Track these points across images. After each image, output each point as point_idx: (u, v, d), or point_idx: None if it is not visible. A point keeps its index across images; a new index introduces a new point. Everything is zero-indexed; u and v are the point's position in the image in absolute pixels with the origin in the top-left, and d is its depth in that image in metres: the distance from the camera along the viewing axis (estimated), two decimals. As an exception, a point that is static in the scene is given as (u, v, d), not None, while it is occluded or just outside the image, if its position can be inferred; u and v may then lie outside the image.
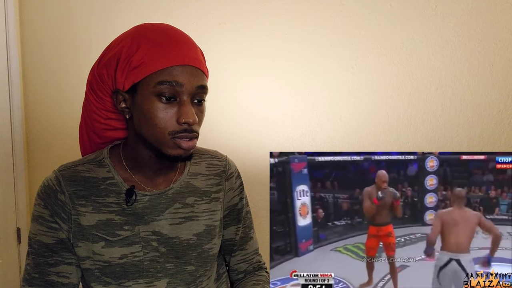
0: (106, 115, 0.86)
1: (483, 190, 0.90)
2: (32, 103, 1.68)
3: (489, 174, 0.87)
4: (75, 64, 1.63)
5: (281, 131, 1.59)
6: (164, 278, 0.85)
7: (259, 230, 1.11)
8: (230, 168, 0.96)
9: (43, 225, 0.82)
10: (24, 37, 1.66)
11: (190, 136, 0.79)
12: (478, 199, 0.90)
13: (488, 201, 0.87)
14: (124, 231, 0.83)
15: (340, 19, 1.52)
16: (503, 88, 1.47)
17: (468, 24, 1.46)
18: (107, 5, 1.61)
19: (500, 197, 0.88)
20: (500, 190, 0.87)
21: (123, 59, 0.78)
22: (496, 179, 0.86)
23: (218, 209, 0.92)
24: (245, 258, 1.00)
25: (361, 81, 1.53)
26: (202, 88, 0.80)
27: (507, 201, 0.87)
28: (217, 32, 1.56)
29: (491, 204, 0.86)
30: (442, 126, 1.51)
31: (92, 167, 0.85)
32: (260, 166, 1.58)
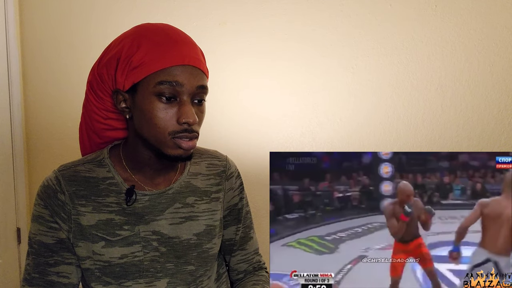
0: (106, 115, 0.86)
1: (438, 177, 0.90)
2: (32, 103, 1.68)
3: (444, 161, 0.86)
4: (75, 64, 1.63)
5: (281, 131, 1.59)
6: (164, 278, 0.85)
7: (259, 230, 1.11)
8: (230, 168, 0.96)
9: (43, 225, 0.82)
10: (24, 37, 1.66)
11: (190, 136, 0.79)
12: (433, 185, 0.90)
13: (442, 187, 0.87)
14: (124, 231, 0.83)
15: (340, 19, 1.52)
16: (503, 88, 1.47)
17: (468, 24, 1.46)
18: (107, 5, 1.61)
19: (453, 183, 0.87)
20: (453, 175, 0.87)
21: (123, 59, 0.78)
22: (450, 164, 0.86)
23: (218, 209, 0.92)
24: (245, 258, 1.00)
25: (361, 81, 1.53)
26: (202, 88, 0.80)
27: (460, 186, 0.87)
28: (217, 32, 1.56)
29: (446, 190, 0.86)
30: (442, 126, 1.51)
31: (92, 167, 0.85)
32: (260, 166, 1.58)
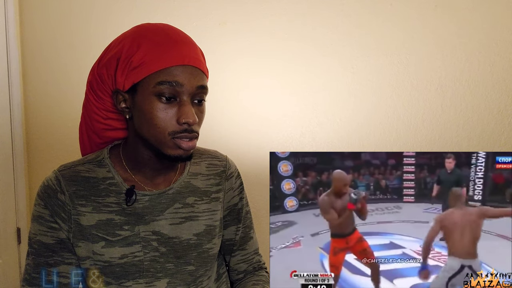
0: (106, 115, 0.86)
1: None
2: (32, 103, 1.68)
3: (348, 160, 0.88)
4: (75, 64, 1.63)
5: (281, 131, 1.59)
6: (164, 278, 0.85)
7: (259, 230, 1.11)
8: (230, 168, 0.96)
9: (43, 225, 0.82)
10: (24, 37, 1.66)
11: (190, 136, 0.79)
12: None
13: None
14: (124, 231, 0.83)
15: (341, 18, 1.52)
16: (503, 88, 1.47)
17: (468, 24, 1.46)
18: (107, 5, 1.61)
19: (357, 180, 0.90)
20: (357, 173, 0.89)
21: (123, 59, 0.78)
22: (354, 163, 0.88)
23: (218, 209, 0.92)
24: (245, 258, 1.00)
25: (361, 81, 1.53)
26: (202, 88, 0.80)
27: (364, 183, 0.91)
28: (217, 32, 1.56)
29: (351, 187, 0.89)
30: (442, 126, 1.51)
31: (92, 167, 0.85)
32: (260, 166, 1.58)
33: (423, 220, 0.86)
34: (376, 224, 0.92)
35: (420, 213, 0.90)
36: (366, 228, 0.88)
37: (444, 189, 0.86)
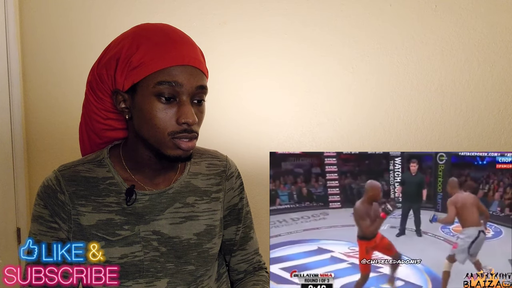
0: (106, 115, 0.86)
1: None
2: (32, 103, 1.68)
3: (271, 169, 0.91)
4: (75, 64, 1.63)
5: (281, 131, 1.59)
6: (164, 278, 0.85)
7: (259, 230, 1.11)
8: (230, 168, 0.96)
9: (43, 225, 0.82)
10: (24, 37, 1.66)
11: (190, 137, 0.79)
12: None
13: (270, 193, 0.92)
14: (124, 231, 0.83)
15: (340, 19, 1.51)
16: (503, 88, 1.47)
17: (468, 24, 1.46)
18: (107, 5, 1.61)
19: (279, 189, 0.93)
20: (278, 182, 0.93)
21: (122, 59, 0.78)
22: (275, 172, 0.92)
23: (218, 209, 0.92)
24: (245, 258, 1.00)
25: (361, 81, 1.53)
26: (201, 88, 0.80)
27: (286, 192, 0.94)
28: (217, 32, 1.56)
29: (273, 196, 0.92)
30: (442, 126, 1.51)
31: (92, 167, 0.85)
32: (260, 166, 1.58)
33: (351, 224, 0.90)
34: (302, 232, 0.95)
35: (347, 217, 0.92)
36: (292, 237, 0.93)
37: (407, 190, 0.92)
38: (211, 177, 0.93)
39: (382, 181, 0.91)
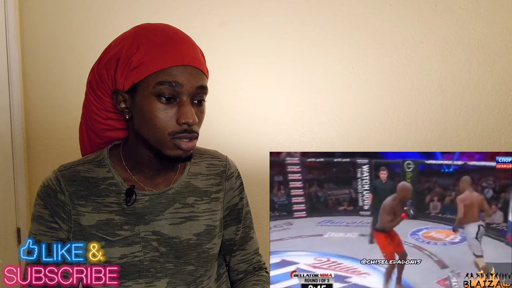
0: (106, 115, 0.86)
1: None
2: (32, 103, 1.68)
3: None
4: (75, 64, 1.63)
5: (281, 131, 1.59)
6: (164, 278, 0.85)
7: (259, 230, 1.11)
8: (230, 168, 0.96)
9: (43, 225, 0.82)
10: (24, 37, 1.66)
11: (190, 137, 0.79)
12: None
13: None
14: (124, 231, 0.83)
15: (340, 19, 1.51)
16: (503, 88, 1.47)
17: (468, 24, 1.46)
18: (107, 5, 1.61)
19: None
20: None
21: (123, 59, 0.78)
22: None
23: (218, 209, 0.92)
24: (245, 258, 1.00)
25: (361, 81, 1.53)
26: (202, 89, 0.80)
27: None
28: (217, 32, 1.56)
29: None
30: (442, 126, 1.51)
31: (92, 167, 0.85)
32: (260, 166, 1.58)
33: (317, 234, 0.90)
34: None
35: (313, 226, 0.91)
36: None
37: (378, 198, 0.92)
38: (211, 177, 0.93)
39: (350, 188, 0.91)
